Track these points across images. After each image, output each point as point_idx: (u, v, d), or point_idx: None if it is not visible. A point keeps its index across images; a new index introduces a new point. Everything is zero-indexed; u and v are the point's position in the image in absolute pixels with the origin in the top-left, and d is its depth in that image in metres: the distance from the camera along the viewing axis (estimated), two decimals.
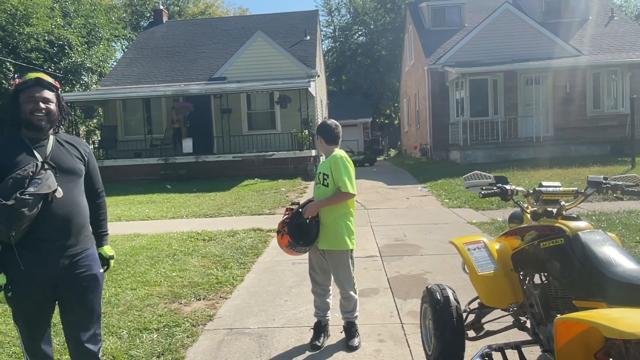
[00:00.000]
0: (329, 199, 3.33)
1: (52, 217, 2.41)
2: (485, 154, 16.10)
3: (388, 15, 42.01)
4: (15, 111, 2.49)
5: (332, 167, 3.34)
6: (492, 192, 2.63)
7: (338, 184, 3.31)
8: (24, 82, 2.50)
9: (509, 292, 2.63)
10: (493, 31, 18.09)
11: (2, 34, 22.98)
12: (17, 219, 2.27)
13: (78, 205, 2.53)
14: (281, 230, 3.32)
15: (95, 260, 2.60)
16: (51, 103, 2.52)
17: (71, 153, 2.58)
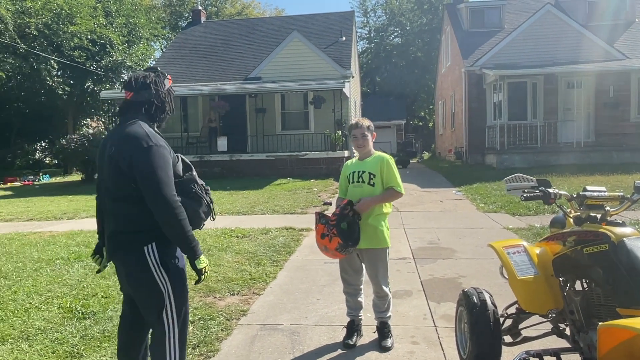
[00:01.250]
0: (382, 197, 3.31)
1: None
2: (523, 159, 15.73)
3: (425, 16, 41.59)
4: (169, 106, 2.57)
5: (385, 167, 3.32)
6: (534, 195, 2.58)
7: (391, 183, 3.31)
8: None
9: (548, 298, 2.57)
10: (534, 33, 17.66)
11: (48, 32, 23.85)
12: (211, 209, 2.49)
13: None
14: (328, 234, 3.17)
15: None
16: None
17: None
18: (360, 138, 3.42)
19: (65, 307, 4.20)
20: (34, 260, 5.94)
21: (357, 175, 3.39)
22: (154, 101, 2.43)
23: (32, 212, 10.73)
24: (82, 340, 3.52)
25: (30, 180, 21.42)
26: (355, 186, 3.39)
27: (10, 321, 3.94)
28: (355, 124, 3.46)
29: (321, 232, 3.21)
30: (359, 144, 3.43)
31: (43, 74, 23.74)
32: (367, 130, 3.42)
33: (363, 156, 3.47)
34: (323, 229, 3.21)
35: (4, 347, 3.46)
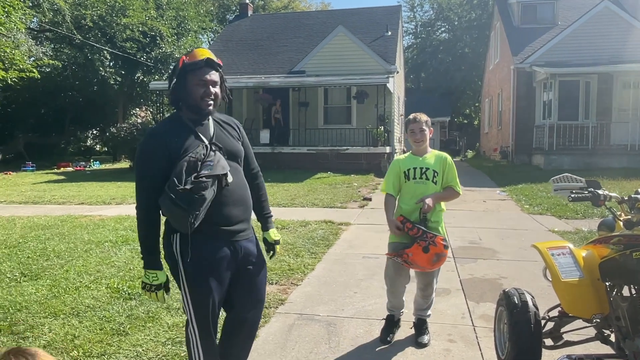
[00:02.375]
0: (444, 195, 3.27)
1: (226, 201, 2.28)
2: (572, 160, 15.19)
3: (474, 11, 40.62)
4: (181, 92, 2.29)
5: (447, 166, 3.28)
6: (582, 196, 2.51)
7: (451, 183, 3.27)
8: (193, 63, 2.26)
9: (593, 302, 2.49)
10: (589, 30, 16.96)
11: (102, 24, 24.76)
12: (198, 204, 2.12)
13: (246, 188, 2.42)
14: (428, 241, 3.01)
15: (258, 244, 2.50)
16: (218, 86, 2.33)
17: (230, 133, 2.44)
18: (418, 133, 3.31)
19: (113, 288, 4.39)
20: (85, 242, 6.23)
21: (420, 171, 3.26)
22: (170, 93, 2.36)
23: (83, 196, 11.22)
24: (128, 320, 3.68)
25: (81, 166, 22.36)
26: (417, 183, 3.25)
27: (62, 298, 4.16)
28: (413, 118, 3.34)
29: (421, 248, 3.03)
30: (417, 139, 3.31)
31: (96, 64, 24.70)
32: (425, 125, 3.31)
33: (420, 152, 3.34)
34: (420, 245, 3.03)
35: (56, 322, 3.66)
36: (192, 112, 2.31)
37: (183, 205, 2.10)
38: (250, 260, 2.39)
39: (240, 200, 2.35)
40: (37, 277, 4.79)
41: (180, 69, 2.28)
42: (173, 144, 2.22)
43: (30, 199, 11.00)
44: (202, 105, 2.28)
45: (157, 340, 3.33)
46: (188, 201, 2.11)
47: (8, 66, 18.64)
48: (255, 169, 2.62)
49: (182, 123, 2.31)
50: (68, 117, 28.59)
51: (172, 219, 2.20)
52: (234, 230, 2.31)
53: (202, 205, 2.14)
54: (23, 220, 7.96)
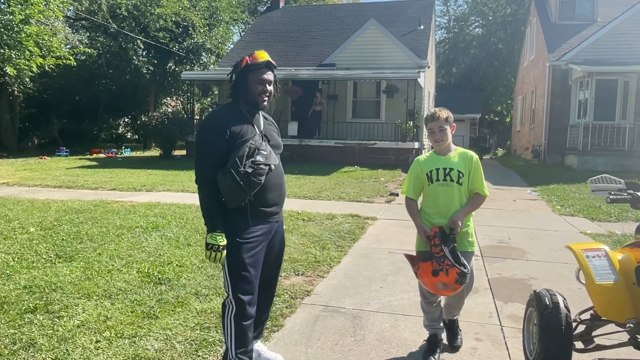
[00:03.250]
0: (471, 207, 3.03)
1: (271, 186, 2.65)
2: (607, 162, 14.77)
3: (509, 6, 39.69)
4: (242, 87, 2.65)
5: (474, 167, 3.03)
6: (621, 198, 2.45)
7: (477, 186, 3.02)
8: (256, 64, 2.65)
9: (628, 307, 2.44)
10: (629, 28, 16.38)
11: (136, 13, 25.16)
12: (255, 186, 2.51)
13: (284, 176, 2.80)
14: (441, 268, 2.79)
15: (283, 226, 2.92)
16: (272, 85, 2.72)
17: (274, 129, 2.85)
18: (437, 132, 3.04)
19: (144, 272, 4.50)
20: (116, 227, 6.39)
21: (444, 172, 3.02)
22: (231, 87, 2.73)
23: (115, 182, 11.48)
24: (158, 304, 3.77)
25: (113, 153, 22.85)
26: (442, 185, 3.02)
27: (95, 280, 4.28)
28: (432, 115, 3.06)
29: (431, 269, 2.82)
30: (437, 139, 3.05)
31: (130, 53, 25.14)
32: (445, 123, 3.03)
33: (443, 151, 3.09)
34: (433, 265, 2.82)
35: (89, 303, 3.77)
36: (248, 105, 2.68)
37: (244, 185, 2.48)
38: (279, 240, 2.81)
39: (278, 186, 2.70)
40: (71, 259, 4.94)
41: (244, 68, 2.66)
42: (233, 127, 2.56)
43: (64, 183, 11.31)
44: (259, 100, 2.66)
45: (186, 325, 3.40)
46: (249, 183, 2.48)
47: (45, 53, 19.14)
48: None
49: (240, 112, 2.66)
50: (101, 104, 29.22)
51: (230, 195, 2.52)
52: (271, 212, 2.68)
53: (257, 187, 2.52)
54: (57, 203, 8.20)
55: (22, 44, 17.45)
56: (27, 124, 27.57)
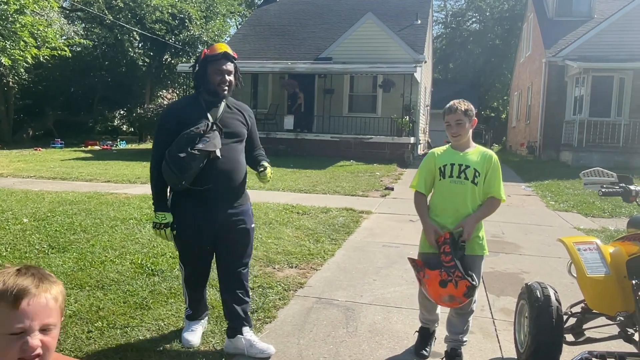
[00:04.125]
0: (484, 213, 2.80)
1: (217, 173, 2.78)
2: (602, 158, 14.82)
3: (507, 2, 39.71)
4: (202, 78, 2.85)
5: (492, 167, 2.81)
6: (613, 191, 2.45)
7: (493, 189, 2.80)
8: (213, 55, 2.82)
9: (619, 299, 2.45)
10: (626, 24, 16.40)
11: (132, 5, 24.96)
12: (186, 170, 2.68)
13: (238, 163, 2.90)
14: (451, 279, 2.61)
15: (249, 216, 2.99)
16: (232, 75, 2.87)
17: (237, 117, 2.94)
18: (454, 126, 2.81)
19: (137, 263, 4.49)
20: (110, 219, 6.37)
21: (459, 169, 2.79)
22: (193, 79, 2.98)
23: (110, 174, 11.44)
24: (151, 294, 3.76)
25: (108, 145, 22.75)
26: (455, 182, 2.79)
27: (88, 271, 4.27)
28: (449, 107, 2.83)
29: (439, 279, 2.62)
30: (454, 133, 2.82)
31: (126, 45, 24.97)
32: (464, 116, 2.78)
33: (461, 147, 2.86)
34: (441, 275, 2.63)
35: (82, 293, 3.77)
36: (209, 95, 2.87)
37: (174, 169, 2.69)
38: (231, 226, 2.89)
39: (224, 173, 2.82)
40: (64, 249, 4.92)
41: (202, 60, 2.85)
42: (184, 117, 2.81)
43: (59, 174, 11.26)
44: (219, 90, 2.83)
45: (178, 316, 3.39)
46: (179, 167, 2.68)
47: (40, 44, 18.98)
48: (259, 147, 3.18)
49: (197, 102, 2.88)
50: (97, 96, 29.04)
51: (166, 178, 2.79)
52: (213, 197, 2.81)
53: (188, 172, 2.69)
54: (51, 195, 8.16)
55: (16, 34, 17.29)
56: (21, 115, 27.38)
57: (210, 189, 2.78)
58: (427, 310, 2.99)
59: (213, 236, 2.89)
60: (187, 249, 2.94)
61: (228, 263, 2.95)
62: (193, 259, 2.96)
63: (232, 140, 2.86)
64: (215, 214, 2.83)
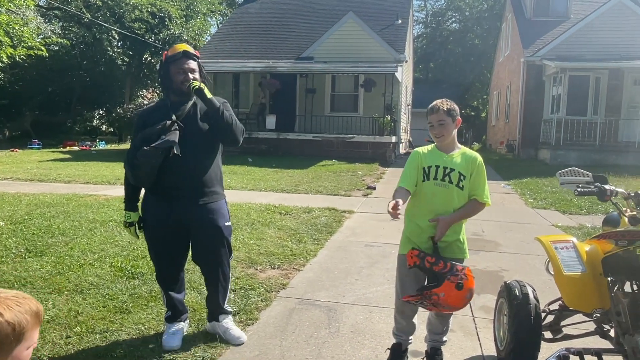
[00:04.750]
0: (464, 213, 2.69)
1: (179, 170, 2.83)
2: (579, 156, 15.11)
3: (486, 2, 40.20)
4: (166, 80, 2.92)
5: (477, 169, 2.71)
6: (589, 190, 2.50)
7: (477, 192, 2.69)
8: (173, 55, 2.88)
9: (595, 297, 2.50)
10: (602, 25, 16.73)
11: (111, 3, 24.64)
12: (138, 167, 2.77)
13: (203, 161, 2.93)
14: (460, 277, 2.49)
15: (221, 214, 3.00)
16: (196, 72, 2.90)
17: (204, 113, 2.94)
18: (437, 126, 2.70)
19: (116, 266, 4.43)
20: (89, 221, 6.27)
21: (443, 172, 2.68)
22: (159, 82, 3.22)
23: (89, 175, 11.27)
24: (131, 298, 3.72)
25: (87, 146, 22.41)
26: (439, 185, 2.68)
27: (66, 275, 4.20)
28: (432, 107, 2.73)
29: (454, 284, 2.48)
30: (437, 133, 2.72)
31: (104, 44, 24.65)
32: (446, 116, 2.68)
33: (445, 148, 2.76)
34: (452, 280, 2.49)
35: (60, 298, 3.70)
36: (176, 95, 2.91)
37: (127, 166, 2.85)
38: (199, 223, 2.93)
39: (190, 171, 2.87)
40: (42, 253, 4.83)
41: (164, 62, 2.90)
42: (150, 119, 2.89)
43: (36, 176, 11.06)
44: (183, 88, 2.85)
45: (159, 320, 3.36)
46: (131, 164, 2.81)
47: (16, 43, 18.60)
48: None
49: (164, 104, 2.95)
50: (75, 96, 28.60)
51: (127, 176, 2.94)
52: (172, 194, 2.87)
53: (141, 169, 2.78)
54: (29, 197, 8.01)
55: None
56: None
57: (173, 186, 2.85)
58: (405, 317, 2.81)
59: (182, 234, 2.96)
60: (152, 245, 3.03)
61: (205, 259, 3.05)
62: (159, 256, 3.03)
63: (197, 138, 2.88)
64: (181, 211, 2.88)
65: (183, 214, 2.89)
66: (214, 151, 3.00)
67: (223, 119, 2.84)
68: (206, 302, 3.21)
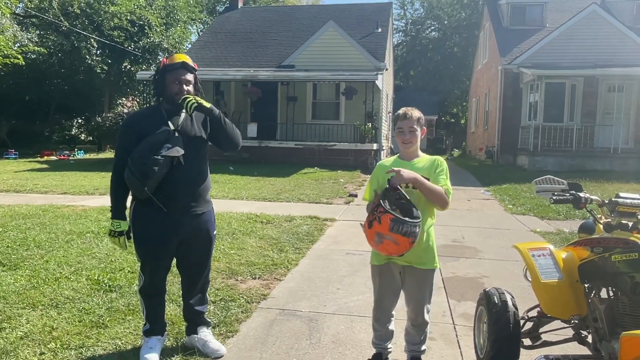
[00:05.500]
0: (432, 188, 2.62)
1: (178, 179, 2.82)
2: (556, 162, 15.38)
3: (464, 10, 40.85)
4: (160, 87, 2.90)
5: (438, 169, 2.71)
6: (564, 198, 2.53)
7: (442, 184, 2.68)
8: (171, 65, 2.87)
9: (572, 304, 2.53)
10: (576, 33, 17.13)
11: (90, 11, 24.36)
12: (150, 176, 2.72)
13: (200, 170, 2.94)
14: (375, 216, 2.47)
15: (212, 223, 3.04)
16: (191, 84, 2.91)
17: (198, 124, 2.96)
18: (407, 133, 2.76)
19: (93, 279, 4.34)
20: (66, 232, 6.15)
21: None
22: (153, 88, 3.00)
23: (66, 186, 11.07)
24: (108, 312, 3.64)
25: (65, 155, 22.05)
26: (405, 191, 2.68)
27: (41, 289, 4.10)
28: (404, 114, 2.77)
29: (368, 222, 2.53)
30: (405, 140, 2.77)
31: (83, 52, 24.33)
32: (416, 124, 2.76)
33: (409, 156, 2.81)
34: (368, 218, 2.54)
35: (34, 313, 3.61)
36: (168, 104, 2.90)
37: (137, 175, 2.72)
38: (194, 233, 2.94)
39: (189, 181, 2.88)
40: (16, 267, 4.71)
41: (161, 69, 2.89)
42: (144, 127, 2.83)
43: (12, 187, 10.82)
44: (176, 99, 2.85)
45: (136, 334, 3.29)
46: (143, 173, 2.71)
47: None
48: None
49: (158, 111, 2.91)
50: (53, 105, 28.16)
51: (130, 185, 2.80)
52: (174, 204, 2.83)
53: (152, 178, 2.72)
54: (3, 208, 7.83)
55: None
56: None
57: (172, 196, 2.82)
58: (381, 324, 2.87)
59: (174, 244, 2.92)
60: (149, 257, 2.93)
61: (190, 269, 3.05)
62: (154, 267, 2.95)
63: (193, 148, 2.89)
64: (178, 221, 2.87)
65: (182, 224, 2.88)
66: (207, 160, 3.03)
67: (226, 125, 2.94)
68: (184, 315, 3.17)
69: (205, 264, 3.07)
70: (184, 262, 3.03)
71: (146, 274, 2.97)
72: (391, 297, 2.85)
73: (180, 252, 2.98)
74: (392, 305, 2.88)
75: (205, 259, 3.06)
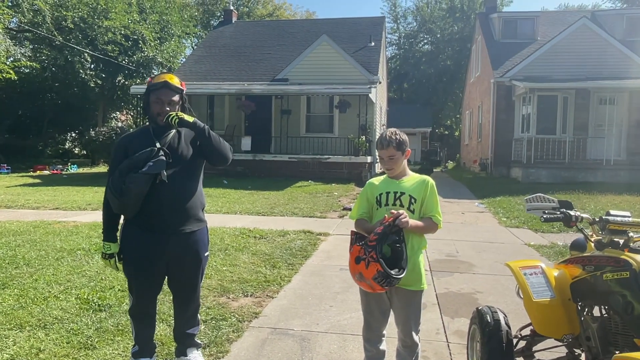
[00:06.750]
0: (425, 226, 2.69)
1: (163, 198, 2.77)
2: (550, 174, 15.44)
3: (456, 24, 41.30)
4: (146, 107, 2.91)
5: (429, 192, 2.73)
6: (554, 217, 2.52)
7: (432, 213, 2.71)
8: (154, 84, 2.85)
9: (564, 322, 2.51)
10: (567, 46, 17.33)
11: (83, 26, 24.39)
12: (126, 194, 2.67)
13: (187, 189, 2.87)
14: (365, 257, 2.50)
15: (203, 244, 2.96)
16: (176, 104, 2.87)
17: (187, 139, 2.91)
18: (387, 161, 2.77)
19: (83, 298, 4.28)
20: (56, 250, 6.08)
21: (394, 197, 2.73)
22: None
23: (58, 201, 10.99)
24: (97, 332, 3.58)
25: (58, 170, 21.92)
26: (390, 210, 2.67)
27: (29, 309, 4.04)
28: (381, 142, 2.76)
29: (356, 254, 2.55)
30: (387, 167, 2.79)
31: (77, 67, 24.31)
32: (396, 151, 2.73)
33: (396, 176, 2.83)
34: (359, 251, 2.54)
35: (21, 334, 3.55)
36: (153, 122, 2.89)
37: (115, 193, 2.70)
38: (182, 253, 2.87)
39: (176, 199, 2.82)
40: (5, 286, 4.65)
41: (147, 89, 2.89)
42: (131, 147, 2.82)
43: (3, 203, 10.73)
44: (158, 120, 2.84)
45: (125, 355, 3.24)
46: (119, 191, 2.69)
47: None
48: None
49: (147, 131, 2.89)
50: (46, 119, 28.07)
51: (112, 204, 2.78)
52: (159, 223, 2.79)
53: (128, 195, 2.68)
54: None
55: None
56: None
57: (156, 214, 2.77)
58: (372, 344, 2.84)
59: (164, 264, 2.86)
60: (135, 278, 2.87)
61: (179, 289, 3.00)
62: (141, 288, 2.90)
63: (181, 166, 2.84)
64: (164, 241, 2.80)
65: (168, 245, 2.82)
66: (198, 177, 2.97)
67: (211, 139, 2.86)
68: (174, 335, 3.13)
69: (194, 285, 3.00)
70: (174, 282, 2.99)
71: (133, 294, 2.92)
72: (380, 317, 2.81)
73: (170, 272, 2.93)
74: (382, 326, 2.84)
75: (195, 280, 2.99)
